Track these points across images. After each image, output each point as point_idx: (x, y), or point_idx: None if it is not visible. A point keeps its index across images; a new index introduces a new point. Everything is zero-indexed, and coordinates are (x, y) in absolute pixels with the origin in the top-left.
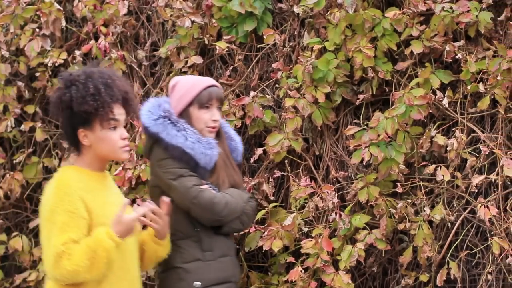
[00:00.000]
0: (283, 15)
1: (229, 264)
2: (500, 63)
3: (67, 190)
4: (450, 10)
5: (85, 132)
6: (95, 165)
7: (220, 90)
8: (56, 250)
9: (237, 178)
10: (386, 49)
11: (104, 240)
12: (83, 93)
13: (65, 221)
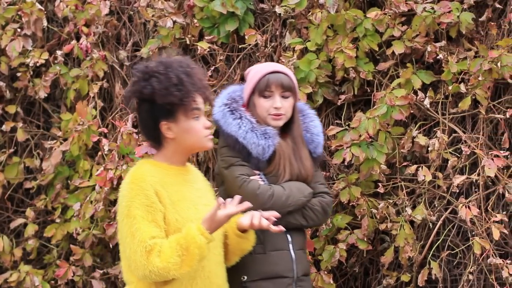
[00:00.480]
0: (265, 16)
1: (284, 258)
2: (481, 63)
3: (142, 184)
4: (432, 11)
5: (168, 125)
6: (175, 158)
7: (281, 76)
8: (144, 245)
9: (305, 171)
10: (367, 50)
11: (196, 236)
12: (166, 84)
13: (144, 216)
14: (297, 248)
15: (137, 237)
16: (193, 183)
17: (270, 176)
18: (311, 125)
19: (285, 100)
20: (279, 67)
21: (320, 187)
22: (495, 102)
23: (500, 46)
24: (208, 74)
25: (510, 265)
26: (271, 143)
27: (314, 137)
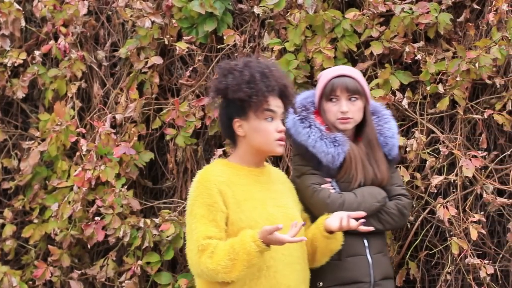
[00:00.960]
0: (243, 16)
1: (360, 264)
2: (459, 64)
3: (206, 184)
4: (410, 11)
5: (240, 122)
6: (248, 158)
7: (346, 80)
8: (198, 244)
9: (381, 174)
10: (346, 50)
11: (247, 243)
12: (238, 81)
13: (204, 214)
14: (375, 252)
15: (194, 236)
16: (267, 184)
17: (342, 182)
18: (385, 128)
19: (352, 104)
20: (346, 70)
21: (397, 189)
22: (473, 103)
23: (478, 46)
24: (187, 74)
25: (488, 265)
26: (340, 150)
27: (388, 140)
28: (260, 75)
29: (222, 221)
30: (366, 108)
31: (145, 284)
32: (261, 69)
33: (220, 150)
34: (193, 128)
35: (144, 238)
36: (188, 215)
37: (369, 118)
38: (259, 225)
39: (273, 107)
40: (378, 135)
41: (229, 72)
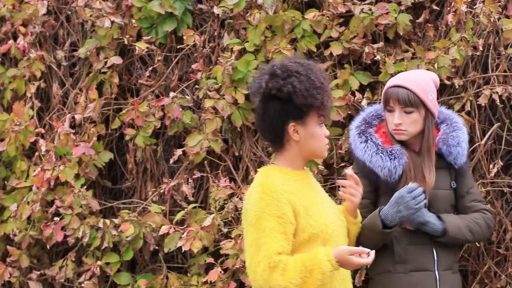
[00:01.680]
0: (203, 16)
1: (425, 279)
2: (418, 64)
3: (273, 194)
4: (369, 12)
5: (296, 127)
6: (296, 162)
7: (399, 91)
8: (269, 261)
9: (424, 186)
10: (305, 50)
11: (323, 262)
12: (307, 86)
13: (274, 227)
14: (444, 269)
15: (263, 251)
16: (315, 187)
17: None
18: (450, 136)
19: (406, 116)
20: (403, 80)
21: (479, 205)
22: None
23: (437, 47)
24: (146, 74)
25: None
26: (397, 163)
27: (451, 149)
28: (324, 80)
29: (290, 233)
30: (427, 118)
31: (105, 285)
32: (322, 74)
33: (180, 151)
34: (153, 128)
35: (104, 239)
36: (252, 226)
37: (428, 129)
38: (329, 229)
39: (326, 114)
40: (441, 144)
41: (290, 75)
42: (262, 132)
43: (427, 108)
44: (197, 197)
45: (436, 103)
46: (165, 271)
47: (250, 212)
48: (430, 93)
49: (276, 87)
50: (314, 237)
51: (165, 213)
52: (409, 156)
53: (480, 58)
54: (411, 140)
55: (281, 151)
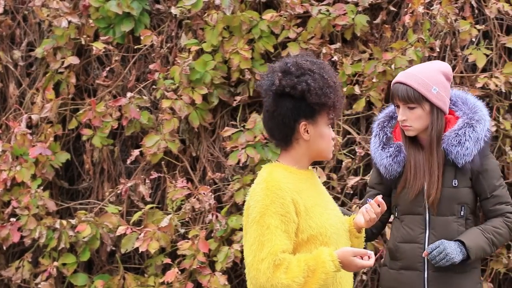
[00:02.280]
0: (161, 16)
1: (413, 278)
2: (375, 65)
3: (278, 192)
4: (327, 13)
5: (307, 126)
6: (303, 162)
7: (400, 87)
8: (274, 258)
9: (428, 185)
10: (263, 51)
11: (327, 262)
12: (320, 84)
13: (278, 225)
14: (436, 269)
15: (268, 248)
16: (319, 187)
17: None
18: (453, 134)
19: (410, 112)
20: (405, 77)
21: (501, 209)
22: (389, 104)
23: (394, 48)
24: (103, 74)
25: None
26: (392, 161)
27: (451, 148)
28: (337, 80)
29: (293, 232)
30: (434, 113)
31: (61, 286)
32: (333, 73)
33: (137, 151)
34: (110, 129)
35: (60, 239)
36: (255, 224)
37: (432, 124)
38: (328, 232)
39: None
40: (445, 140)
41: (303, 73)
42: (270, 130)
43: (431, 103)
44: (154, 197)
45: (443, 97)
46: (122, 271)
47: (254, 209)
48: (433, 87)
49: (290, 84)
50: (312, 238)
51: (122, 214)
52: (412, 154)
53: (437, 59)
54: (421, 136)
55: (288, 150)
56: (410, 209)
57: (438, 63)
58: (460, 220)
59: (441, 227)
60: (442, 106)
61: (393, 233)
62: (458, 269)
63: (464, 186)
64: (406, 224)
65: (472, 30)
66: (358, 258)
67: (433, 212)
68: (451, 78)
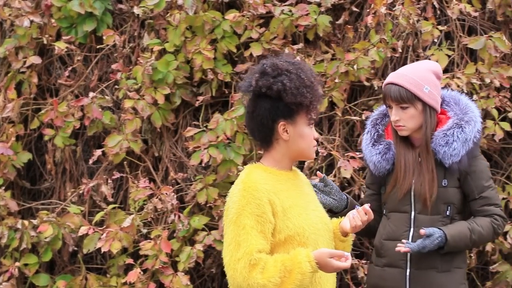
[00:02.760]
0: (123, 16)
1: (395, 276)
2: (338, 66)
3: (254, 193)
4: (290, 13)
5: (286, 126)
6: (284, 162)
7: (391, 88)
8: (249, 258)
9: (423, 185)
10: (225, 51)
11: (303, 263)
12: (297, 84)
13: (253, 225)
14: (418, 267)
15: (244, 248)
16: (301, 188)
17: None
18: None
19: (403, 112)
20: (396, 77)
21: (489, 210)
22: (351, 104)
23: (357, 49)
24: (65, 74)
25: (366, 265)
26: (380, 158)
27: (439, 148)
28: (314, 80)
29: (269, 232)
30: (426, 112)
31: (23, 286)
32: (313, 74)
33: (99, 151)
34: (72, 129)
35: (22, 240)
36: (232, 224)
37: (425, 123)
38: (306, 232)
39: (315, 115)
40: (433, 139)
41: (280, 73)
42: (251, 130)
43: (424, 102)
44: (116, 197)
45: (435, 95)
46: (84, 272)
47: (232, 210)
48: (425, 87)
49: (266, 85)
50: (290, 239)
51: (84, 214)
52: (403, 153)
53: (399, 59)
54: (413, 135)
55: (269, 150)
56: (397, 207)
57: (428, 63)
58: (445, 219)
59: (426, 226)
60: (434, 104)
61: (379, 230)
62: (440, 268)
63: (452, 186)
64: (392, 222)
65: (434, 31)
66: (334, 260)
67: (420, 211)
68: (441, 76)
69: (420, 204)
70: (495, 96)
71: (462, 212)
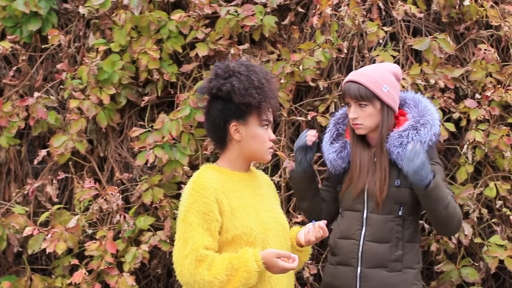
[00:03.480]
0: (69, 16)
1: (347, 274)
2: (283, 66)
3: (202, 192)
4: (235, 14)
5: (237, 126)
6: (238, 163)
7: (351, 86)
8: (196, 254)
9: (376, 184)
10: (171, 51)
11: (249, 261)
12: (246, 85)
13: (200, 223)
14: (369, 266)
15: (190, 245)
16: (256, 189)
17: (347, 192)
18: (397, 135)
19: (361, 110)
20: (356, 75)
21: None
22: (297, 105)
23: (302, 49)
24: (10, 74)
25: (311, 265)
26: (336, 156)
27: (393, 149)
28: (266, 81)
29: (216, 230)
30: (384, 112)
31: None
32: (265, 75)
33: (44, 151)
34: (17, 129)
35: None
36: (180, 221)
37: (382, 122)
38: (253, 232)
39: (270, 116)
40: (388, 140)
41: (231, 74)
42: (207, 131)
43: (382, 101)
44: (61, 198)
45: (393, 95)
46: (29, 273)
47: (181, 208)
48: (384, 86)
49: (217, 86)
50: (237, 238)
51: (29, 215)
52: (358, 153)
53: (344, 60)
54: (370, 135)
55: (224, 151)
56: (351, 206)
57: (388, 64)
58: (397, 219)
59: (378, 225)
60: (392, 104)
61: (334, 229)
62: (391, 268)
63: (405, 186)
64: (345, 220)
65: (380, 31)
66: (281, 260)
67: (373, 210)
68: (401, 78)
69: (373, 203)
70: (439, 97)
71: (415, 213)
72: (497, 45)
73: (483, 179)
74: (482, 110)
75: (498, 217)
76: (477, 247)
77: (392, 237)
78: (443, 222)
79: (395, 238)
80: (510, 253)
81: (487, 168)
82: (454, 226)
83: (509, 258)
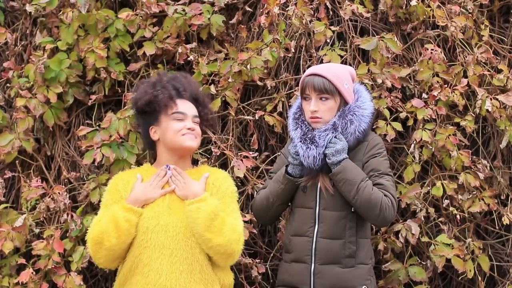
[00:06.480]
0: (15, 14)
1: (301, 271)
2: (231, 65)
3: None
4: (183, 13)
5: (155, 129)
6: (165, 159)
7: (315, 79)
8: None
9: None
10: (118, 50)
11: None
12: (145, 88)
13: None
14: (323, 263)
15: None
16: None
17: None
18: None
19: (322, 103)
20: (319, 69)
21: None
22: (244, 104)
23: (250, 48)
24: None
25: (259, 265)
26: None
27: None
28: (168, 79)
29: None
30: (341, 107)
31: None
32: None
33: None
34: None
35: None
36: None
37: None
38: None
39: (182, 110)
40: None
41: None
42: (144, 144)
43: (342, 97)
44: (8, 197)
45: (351, 93)
46: None
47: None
48: (345, 83)
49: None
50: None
51: None
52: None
53: (292, 59)
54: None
55: (156, 154)
56: (303, 203)
57: (345, 65)
58: (349, 216)
59: (330, 222)
60: (350, 101)
61: (287, 227)
62: (344, 264)
63: None
64: (298, 217)
65: (327, 31)
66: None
67: (325, 207)
68: (355, 79)
69: (325, 200)
70: (387, 96)
71: None
72: (443, 45)
73: (430, 178)
74: (429, 110)
75: (445, 216)
76: (424, 246)
77: (345, 234)
78: (363, 210)
79: (348, 235)
80: (457, 252)
81: (434, 168)
82: (377, 214)
83: (456, 257)
